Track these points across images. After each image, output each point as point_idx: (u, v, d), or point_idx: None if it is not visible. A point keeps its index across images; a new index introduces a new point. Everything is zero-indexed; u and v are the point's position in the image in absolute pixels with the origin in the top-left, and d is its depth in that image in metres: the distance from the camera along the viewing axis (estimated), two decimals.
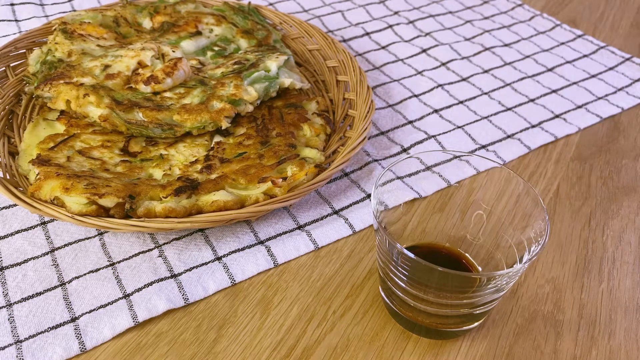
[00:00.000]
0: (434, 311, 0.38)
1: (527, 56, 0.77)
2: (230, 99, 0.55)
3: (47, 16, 0.78)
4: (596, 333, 0.43)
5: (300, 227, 0.50)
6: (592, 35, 0.83)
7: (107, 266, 0.45)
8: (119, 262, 0.46)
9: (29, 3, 0.80)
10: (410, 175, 0.53)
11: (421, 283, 0.36)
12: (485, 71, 0.73)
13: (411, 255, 0.34)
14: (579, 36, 0.82)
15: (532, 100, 0.68)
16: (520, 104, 0.67)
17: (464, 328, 0.40)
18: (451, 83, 0.70)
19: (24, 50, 0.63)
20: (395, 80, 0.70)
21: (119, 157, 0.52)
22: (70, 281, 0.44)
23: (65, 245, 0.47)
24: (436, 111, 0.65)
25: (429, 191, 0.52)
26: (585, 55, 0.77)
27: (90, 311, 0.42)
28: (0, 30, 0.74)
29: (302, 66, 0.69)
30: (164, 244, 0.47)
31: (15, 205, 0.50)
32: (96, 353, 0.40)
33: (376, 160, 0.57)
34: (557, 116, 0.65)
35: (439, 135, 0.61)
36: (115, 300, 0.43)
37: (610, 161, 0.60)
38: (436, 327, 0.40)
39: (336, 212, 0.51)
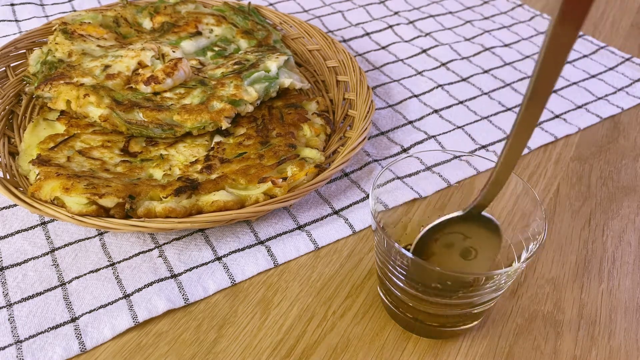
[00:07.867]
0: (433, 311, 0.38)
1: (527, 56, 0.76)
2: (231, 99, 0.55)
3: (47, 16, 0.78)
4: (596, 333, 0.43)
5: (300, 227, 0.50)
6: (592, 36, 0.83)
7: (107, 266, 0.45)
8: (119, 262, 0.46)
9: (29, 3, 0.80)
10: (410, 175, 0.53)
11: (420, 283, 0.36)
12: (485, 71, 0.73)
13: (409, 255, 0.34)
14: (579, 36, 0.82)
15: None
16: (521, 104, 0.67)
17: (464, 327, 0.40)
18: (451, 83, 0.70)
19: (24, 51, 0.63)
20: (395, 81, 0.70)
21: (119, 157, 0.52)
22: (70, 281, 0.44)
23: (65, 245, 0.47)
24: (436, 111, 0.65)
25: (429, 191, 0.52)
26: (585, 56, 0.77)
27: (91, 311, 0.42)
28: (0, 30, 0.74)
29: (302, 66, 0.69)
30: (164, 244, 0.47)
31: (15, 205, 0.50)
32: (96, 353, 0.40)
33: (376, 161, 0.57)
34: (557, 116, 0.65)
35: (439, 135, 0.61)
36: (116, 301, 0.43)
37: (610, 161, 0.60)
38: (436, 327, 0.40)
39: (336, 212, 0.51)
